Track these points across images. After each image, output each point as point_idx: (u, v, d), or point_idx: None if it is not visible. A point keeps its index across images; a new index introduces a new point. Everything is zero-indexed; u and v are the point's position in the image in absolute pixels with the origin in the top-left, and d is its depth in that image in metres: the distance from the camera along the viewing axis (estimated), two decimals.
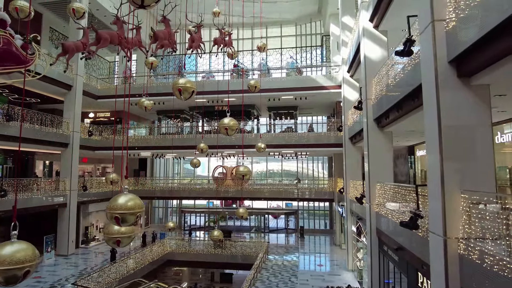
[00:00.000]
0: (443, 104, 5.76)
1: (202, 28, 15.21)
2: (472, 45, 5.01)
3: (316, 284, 14.87)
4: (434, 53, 5.90)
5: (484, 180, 5.62)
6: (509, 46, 4.42)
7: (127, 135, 23.69)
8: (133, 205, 4.95)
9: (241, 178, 12.77)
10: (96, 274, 15.64)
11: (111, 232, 5.52)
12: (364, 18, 12.10)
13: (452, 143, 5.68)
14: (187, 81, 7.37)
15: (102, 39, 8.57)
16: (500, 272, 4.34)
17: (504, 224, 4.47)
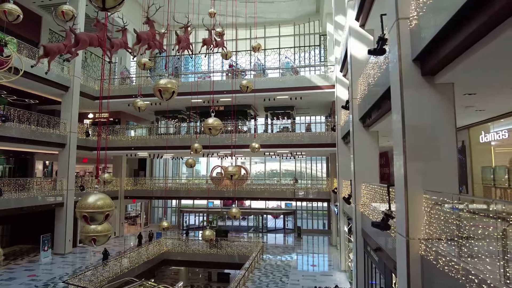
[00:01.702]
0: (407, 103, 5.70)
1: (193, 29, 15.35)
2: (430, 42, 4.95)
3: (307, 284, 14.81)
4: (399, 51, 5.84)
5: (447, 180, 5.54)
6: (464, 41, 4.35)
7: (106, 136, 23.87)
8: (102, 204, 5.06)
9: (229, 178, 12.84)
10: (89, 273, 15.85)
11: (87, 231, 5.62)
12: (350, 17, 12.03)
13: (416, 143, 5.61)
14: (168, 81, 7.44)
15: (81, 41, 8.66)
16: (450, 273, 4.29)
17: (455, 224, 4.40)
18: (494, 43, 3.97)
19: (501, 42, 3.94)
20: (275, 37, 29.49)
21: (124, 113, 26.63)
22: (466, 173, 10.95)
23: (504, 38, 3.82)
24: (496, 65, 4.88)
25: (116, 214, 26.23)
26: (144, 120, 29.37)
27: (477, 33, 4.02)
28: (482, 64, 4.82)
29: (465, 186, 11.03)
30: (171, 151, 23.14)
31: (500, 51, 4.28)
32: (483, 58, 4.53)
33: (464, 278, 3.93)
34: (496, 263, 3.48)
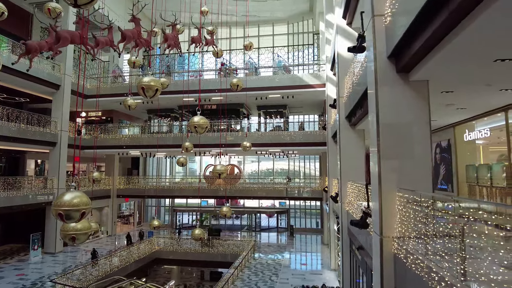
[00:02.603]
0: (381, 100, 5.67)
1: (182, 27, 15.27)
2: (401, 38, 4.92)
3: (295, 283, 14.79)
4: (374, 48, 5.81)
5: (421, 178, 5.52)
6: (431, 37, 4.32)
7: (96, 134, 23.77)
8: (79, 202, 5.00)
9: (218, 176, 12.79)
10: (78, 271, 15.80)
11: (66, 229, 5.58)
12: (338, 15, 11.99)
13: (390, 141, 5.58)
14: (151, 79, 7.39)
15: (62, 38, 8.59)
16: (416, 270, 4.27)
17: (423, 223, 4.38)
18: (458, 39, 3.94)
19: (464, 39, 3.91)
20: (269, 36, 29.43)
21: (117, 111, 26.52)
22: (451, 172, 10.95)
23: (465, 35, 3.80)
24: (466, 61, 4.85)
25: (108, 213, 26.17)
26: (137, 119, 29.26)
27: (441, 30, 3.99)
28: (452, 60, 4.79)
29: (451, 184, 11.04)
30: (163, 150, 23.06)
31: (466, 47, 4.25)
32: (451, 54, 4.50)
33: (427, 276, 3.91)
34: (456, 260, 3.45)
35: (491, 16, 3.34)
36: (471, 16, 3.52)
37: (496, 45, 4.24)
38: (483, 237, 2.99)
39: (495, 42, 4.13)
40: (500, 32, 3.81)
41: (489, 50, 4.41)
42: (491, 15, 3.31)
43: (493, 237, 2.85)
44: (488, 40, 4.07)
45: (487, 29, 3.66)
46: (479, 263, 3.06)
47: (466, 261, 3.25)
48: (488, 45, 4.24)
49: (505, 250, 2.69)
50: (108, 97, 22.87)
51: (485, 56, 4.62)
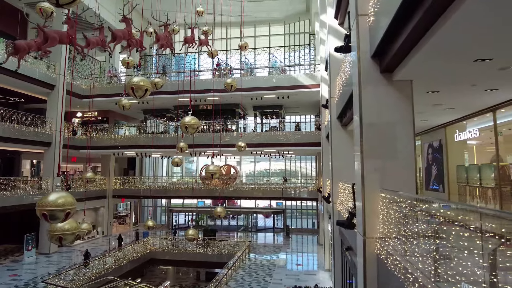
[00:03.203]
0: (365, 100, 5.65)
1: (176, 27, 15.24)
2: (383, 38, 4.90)
3: (289, 283, 14.76)
4: (358, 48, 5.79)
5: (404, 179, 5.50)
6: (410, 37, 4.30)
7: (89, 134, 23.72)
8: (63, 202, 4.96)
9: (210, 177, 12.74)
10: (72, 272, 15.77)
11: (53, 229, 5.54)
12: (330, 16, 11.98)
13: (373, 141, 5.56)
14: (141, 79, 7.38)
15: (50, 38, 8.57)
16: (395, 271, 4.24)
17: (402, 224, 4.35)
18: (435, 39, 3.92)
19: (441, 38, 3.89)
20: (265, 36, 29.41)
21: (113, 112, 26.48)
22: (443, 172, 10.93)
23: (441, 35, 3.78)
24: (446, 61, 4.83)
25: (104, 214, 26.12)
26: (133, 119, 29.23)
27: (418, 29, 3.98)
28: (433, 60, 4.78)
29: (442, 185, 11.02)
30: (158, 150, 23.04)
31: (444, 47, 4.24)
32: (431, 54, 4.48)
33: (403, 277, 3.89)
34: (428, 261, 3.43)
35: (463, 16, 3.33)
36: (445, 16, 3.51)
37: (475, 45, 4.22)
38: (450, 238, 2.97)
39: (473, 42, 4.11)
40: (476, 33, 3.80)
41: (468, 50, 4.39)
42: (463, 15, 3.30)
43: (461, 237, 2.83)
44: (466, 40, 4.05)
45: (461, 29, 3.65)
46: (450, 263, 3.04)
47: (443, 262, 3.22)
48: (466, 45, 4.23)
49: (469, 251, 2.66)
50: (103, 97, 22.85)
51: (466, 56, 4.60)
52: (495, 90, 6.27)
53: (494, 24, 3.58)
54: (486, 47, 4.29)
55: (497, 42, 4.11)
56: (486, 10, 3.30)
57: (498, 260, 2.28)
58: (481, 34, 3.87)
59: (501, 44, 4.18)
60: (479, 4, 3.17)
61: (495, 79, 5.58)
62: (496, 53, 4.43)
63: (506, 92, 6.48)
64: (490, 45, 4.22)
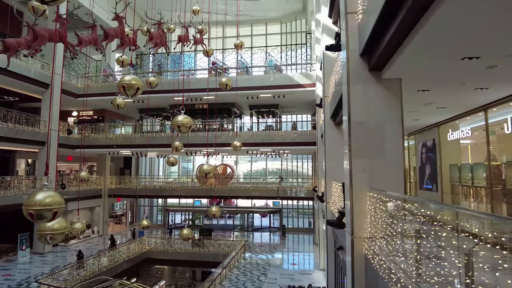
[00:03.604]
0: (353, 99, 5.61)
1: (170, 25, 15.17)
2: (370, 36, 4.86)
3: (283, 283, 14.73)
4: (347, 46, 5.75)
5: (393, 178, 5.45)
6: (396, 35, 4.26)
7: (83, 133, 23.62)
8: (51, 201, 4.88)
9: (204, 176, 12.67)
10: (66, 272, 15.69)
11: (43, 229, 5.48)
12: (324, 15, 11.94)
13: (361, 140, 5.52)
14: (133, 78, 7.29)
15: (39, 36, 8.49)
16: (380, 272, 4.21)
17: (388, 223, 4.31)
18: (419, 37, 3.89)
19: (425, 36, 3.86)
20: (262, 35, 29.35)
21: (109, 111, 26.37)
22: (436, 171, 10.91)
23: (426, 33, 3.74)
24: (434, 60, 4.80)
25: (100, 213, 26.02)
26: (129, 118, 29.12)
27: (403, 27, 3.94)
28: (420, 58, 4.75)
29: (436, 184, 11.00)
30: (154, 149, 22.96)
31: (430, 45, 4.20)
32: (417, 52, 4.45)
33: (387, 278, 3.85)
34: (409, 262, 3.39)
35: (445, 14, 3.29)
36: (428, 14, 3.47)
37: (460, 43, 4.18)
38: (430, 239, 2.93)
39: (458, 40, 4.08)
40: (460, 31, 3.76)
41: (455, 48, 4.35)
42: (445, 13, 3.26)
43: (440, 237, 2.79)
44: (451, 39, 4.02)
45: (445, 27, 3.61)
46: (429, 263, 3.00)
47: (425, 262, 3.19)
48: (452, 44, 4.19)
49: (446, 251, 2.63)
50: (99, 96, 22.75)
51: (453, 54, 4.56)
52: (485, 89, 6.24)
53: (478, 23, 3.54)
54: (472, 46, 4.25)
55: (483, 41, 4.08)
56: (468, 8, 3.26)
57: (472, 261, 2.24)
58: (466, 33, 3.83)
59: (487, 43, 4.15)
60: (460, 2, 3.13)
61: (484, 78, 5.55)
62: (483, 51, 4.40)
63: (497, 91, 6.46)
64: (476, 44, 4.18)
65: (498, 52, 4.41)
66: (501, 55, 4.46)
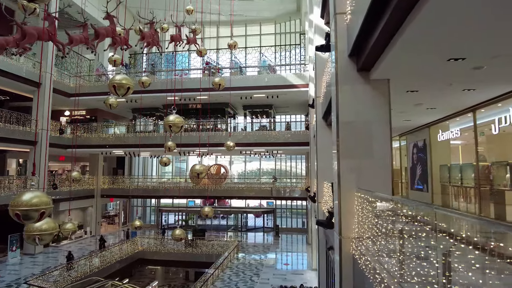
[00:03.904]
0: (342, 99, 5.62)
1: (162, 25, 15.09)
2: (357, 36, 4.88)
3: (276, 283, 14.73)
4: (336, 47, 5.76)
5: (380, 178, 5.47)
6: (382, 35, 4.27)
7: (76, 133, 23.46)
8: (38, 202, 4.82)
9: (196, 176, 12.61)
10: (56, 273, 15.54)
11: (30, 230, 5.40)
12: (316, 15, 11.96)
13: (349, 140, 5.54)
14: (123, 77, 7.26)
15: (28, 34, 8.38)
16: (365, 272, 4.22)
17: (374, 224, 4.32)
18: (405, 37, 3.90)
19: (410, 37, 3.88)
20: (256, 36, 29.35)
21: (102, 110, 26.16)
22: (427, 172, 10.98)
23: (411, 33, 3.76)
24: (420, 61, 4.82)
25: (92, 213, 25.82)
26: (123, 118, 28.94)
27: (388, 27, 3.95)
28: (406, 59, 4.77)
29: (426, 184, 11.07)
30: (147, 149, 22.85)
31: (416, 46, 4.22)
32: (403, 53, 4.47)
33: (372, 278, 3.86)
34: (392, 262, 3.40)
35: (429, 14, 3.30)
36: (413, 14, 3.49)
37: (446, 44, 4.20)
38: (411, 239, 2.94)
39: (444, 41, 4.10)
40: (445, 32, 3.78)
41: (441, 49, 4.38)
42: (429, 13, 3.27)
43: (420, 237, 2.80)
44: (436, 39, 4.03)
45: (430, 27, 3.63)
46: (410, 264, 3.01)
47: (407, 262, 3.19)
48: (438, 44, 4.21)
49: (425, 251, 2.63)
50: (91, 95, 22.58)
51: (439, 56, 4.59)
52: (472, 90, 6.29)
53: (462, 24, 3.56)
54: (458, 47, 4.28)
55: (468, 42, 4.10)
56: (453, 8, 3.27)
57: (449, 261, 2.25)
58: (450, 33, 3.85)
59: (472, 44, 4.17)
60: (444, 3, 3.15)
61: (470, 79, 5.59)
62: (468, 52, 4.43)
63: (484, 92, 6.51)
64: (461, 45, 4.21)
65: (483, 53, 4.45)
66: (486, 56, 4.49)
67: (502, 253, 1.78)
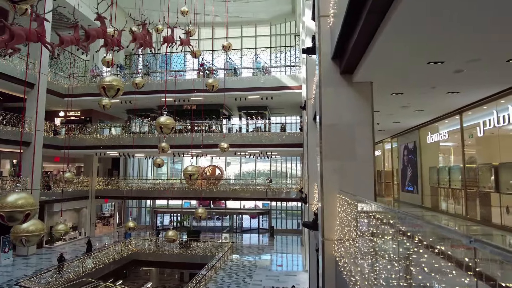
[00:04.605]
0: (325, 102, 5.65)
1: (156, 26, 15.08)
2: (338, 39, 4.91)
3: (269, 284, 14.72)
4: (319, 49, 5.79)
5: (363, 180, 5.50)
6: (360, 39, 4.30)
7: (69, 134, 23.42)
8: (23, 203, 4.82)
9: (188, 178, 12.59)
10: (49, 274, 15.48)
11: (17, 231, 5.39)
12: (307, 17, 12.01)
13: (332, 142, 5.57)
14: (113, 79, 7.26)
15: (16, 35, 8.37)
16: (343, 274, 4.23)
17: (352, 226, 4.34)
18: (382, 40, 3.93)
19: (387, 40, 3.91)
20: (251, 37, 29.38)
21: (96, 111, 26.10)
22: (417, 173, 11.03)
23: (387, 37, 3.79)
24: (400, 63, 4.86)
25: (87, 214, 25.74)
26: (118, 119, 28.87)
27: (365, 31, 3.98)
28: (386, 62, 4.80)
29: (416, 186, 11.12)
30: (142, 150, 22.83)
31: (394, 49, 4.25)
32: (383, 55, 4.50)
33: (348, 280, 3.88)
34: (365, 264, 3.42)
35: (403, 18, 3.33)
36: (388, 17, 3.51)
37: (424, 48, 4.24)
38: (380, 242, 2.96)
39: (421, 45, 4.13)
40: (420, 36, 3.81)
41: (419, 53, 4.41)
42: (402, 17, 3.30)
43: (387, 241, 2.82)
44: (413, 43, 4.07)
45: (406, 30, 3.65)
46: (380, 265, 3.02)
47: (378, 265, 3.21)
48: (415, 48, 4.25)
49: (388, 254, 2.65)
50: (85, 96, 22.53)
51: (418, 59, 4.63)
52: (457, 93, 6.33)
53: (435, 29, 3.60)
54: (435, 51, 4.31)
55: (444, 46, 4.13)
56: (423, 16, 3.30)
57: (407, 264, 2.27)
58: (426, 38, 3.89)
59: (448, 48, 4.21)
60: (417, 6, 3.18)
61: (453, 82, 5.63)
62: (446, 56, 4.46)
63: (468, 95, 6.56)
64: (438, 49, 4.24)
65: (460, 57, 4.48)
66: (463, 60, 4.53)
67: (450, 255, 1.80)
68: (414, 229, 2.17)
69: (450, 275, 1.88)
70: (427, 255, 2.16)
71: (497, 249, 1.20)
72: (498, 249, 1.20)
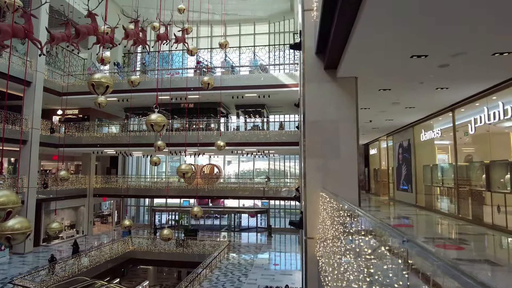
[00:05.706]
0: (308, 97, 5.53)
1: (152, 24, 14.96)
2: (319, 32, 4.78)
3: (263, 283, 14.63)
4: (303, 44, 5.66)
5: (347, 178, 5.37)
6: (339, 32, 4.17)
7: (65, 132, 23.39)
8: (6, 201, 4.73)
9: (182, 176, 12.51)
10: (43, 272, 15.45)
11: (2, 229, 5.31)
12: None
13: (315, 139, 5.44)
14: (102, 76, 7.17)
15: (2, 31, 8.29)
16: (321, 276, 4.11)
17: (330, 225, 4.22)
18: (360, 33, 3.80)
19: (365, 34, 3.77)
20: (250, 35, 29.24)
21: (94, 110, 26.06)
22: (411, 172, 10.87)
23: (365, 30, 3.65)
24: (383, 58, 4.72)
25: (85, 213, 25.74)
26: (116, 117, 28.83)
27: (343, 23, 3.85)
28: (368, 56, 4.67)
29: (411, 184, 10.96)
30: (138, 148, 22.77)
31: (374, 42, 4.12)
32: (364, 49, 4.37)
33: (323, 280, 3.76)
34: (335, 264, 3.30)
35: (375, 12, 3.20)
36: (361, 10, 3.38)
37: (404, 41, 4.11)
38: (343, 242, 2.83)
39: (401, 38, 4.00)
40: (398, 29, 3.67)
41: (401, 46, 4.28)
42: (374, 12, 3.17)
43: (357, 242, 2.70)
44: (392, 36, 3.93)
45: (382, 25, 3.52)
46: (345, 266, 2.90)
47: (346, 266, 3.09)
48: (396, 41, 4.11)
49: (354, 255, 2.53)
50: (83, 94, 22.46)
51: (401, 53, 4.50)
52: (446, 89, 6.18)
53: (409, 22, 3.46)
54: (416, 44, 4.18)
55: (424, 39, 4.00)
56: (400, 5, 3.17)
57: (369, 265, 2.14)
58: (405, 31, 3.75)
59: (430, 41, 4.07)
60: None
61: (439, 77, 5.49)
62: (429, 49, 4.33)
63: (458, 91, 6.41)
64: (419, 42, 4.11)
65: (444, 51, 4.34)
66: (447, 54, 4.39)
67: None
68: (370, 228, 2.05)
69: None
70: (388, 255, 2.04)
71: (424, 252, 1.08)
72: (425, 251, 1.08)
